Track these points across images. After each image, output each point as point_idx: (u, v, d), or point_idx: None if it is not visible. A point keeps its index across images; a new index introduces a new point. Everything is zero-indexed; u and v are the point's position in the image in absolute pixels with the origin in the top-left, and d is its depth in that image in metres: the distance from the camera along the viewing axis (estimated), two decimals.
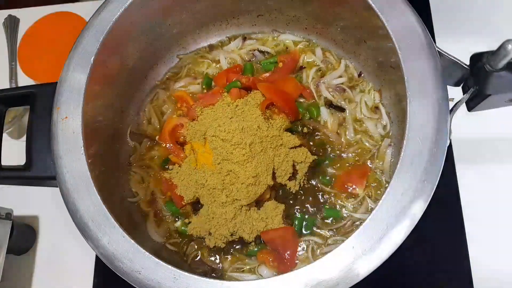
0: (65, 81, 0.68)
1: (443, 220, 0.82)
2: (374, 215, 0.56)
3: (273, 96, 0.75)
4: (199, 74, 0.88)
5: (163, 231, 0.77)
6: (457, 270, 0.79)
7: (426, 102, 0.60)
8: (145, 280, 0.57)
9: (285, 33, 0.88)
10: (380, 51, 0.73)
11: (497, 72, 0.55)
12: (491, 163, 0.85)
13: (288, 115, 0.76)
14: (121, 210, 0.74)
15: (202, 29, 0.88)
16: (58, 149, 0.65)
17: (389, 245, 0.55)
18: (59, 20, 1.05)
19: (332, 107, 0.81)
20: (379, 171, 0.76)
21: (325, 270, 0.55)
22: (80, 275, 0.86)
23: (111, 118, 0.78)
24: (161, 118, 0.85)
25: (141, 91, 0.87)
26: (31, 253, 0.89)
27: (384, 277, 0.79)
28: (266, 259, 0.72)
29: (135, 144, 0.83)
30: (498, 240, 0.80)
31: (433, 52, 0.62)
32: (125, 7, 0.70)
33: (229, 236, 0.70)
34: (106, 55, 0.71)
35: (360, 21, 0.73)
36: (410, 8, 0.65)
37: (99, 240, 0.60)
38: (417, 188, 0.57)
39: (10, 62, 1.04)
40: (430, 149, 0.58)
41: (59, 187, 0.64)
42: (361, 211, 0.74)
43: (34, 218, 0.92)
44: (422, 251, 0.81)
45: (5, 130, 0.94)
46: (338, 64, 0.84)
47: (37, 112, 0.69)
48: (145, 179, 0.81)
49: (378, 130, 0.79)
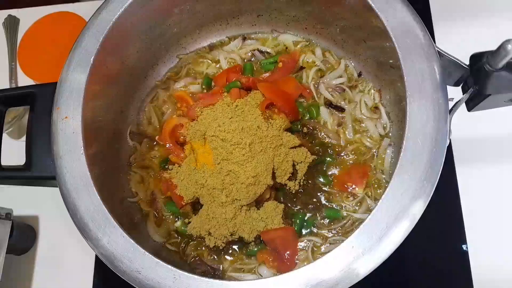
0: (65, 81, 0.68)
1: (443, 219, 0.82)
2: (374, 215, 0.56)
3: (273, 96, 0.75)
4: (199, 74, 0.88)
5: (163, 231, 0.77)
6: (457, 270, 0.79)
7: (426, 102, 0.60)
8: (145, 280, 0.57)
9: (285, 33, 0.88)
10: (380, 51, 0.73)
11: (497, 72, 0.55)
12: (491, 163, 0.85)
13: (288, 115, 0.76)
14: (121, 210, 0.75)
15: (202, 29, 0.88)
16: (58, 149, 0.65)
17: (389, 245, 0.55)
18: (59, 20, 1.05)
19: (332, 107, 0.81)
20: (379, 171, 0.76)
21: (325, 270, 0.55)
22: (80, 275, 0.86)
23: (111, 118, 0.78)
24: (161, 118, 0.85)
25: (141, 91, 0.87)
26: (31, 253, 0.89)
27: (384, 277, 0.79)
28: (266, 259, 0.72)
29: (135, 144, 0.83)
30: (498, 240, 0.80)
31: (433, 52, 0.62)
32: (125, 7, 0.70)
33: (229, 236, 0.70)
34: (106, 55, 0.71)
35: (360, 21, 0.73)
36: (410, 8, 0.65)
37: (99, 240, 0.60)
38: (417, 188, 0.57)
39: (10, 62, 1.04)
40: (430, 149, 0.58)
41: (59, 187, 0.64)
42: (361, 211, 0.74)
43: (34, 218, 0.92)
44: (422, 251, 0.81)
45: (5, 130, 0.94)
46: (338, 64, 0.84)
47: (37, 112, 0.69)
48: (145, 179, 0.81)
49: (378, 130, 0.79)
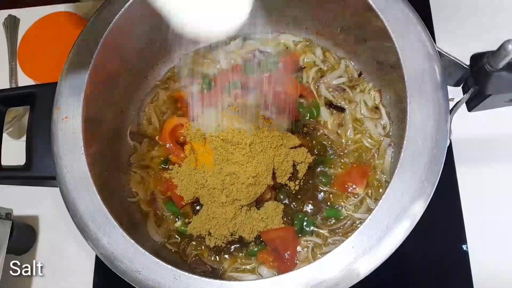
0: (65, 81, 0.68)
1: (443, 220, 0.82)
2: (374, 215, 0.56)
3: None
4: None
5: (163, 231, 0.77)
6: (457, 270, 0.79)
7: (426, 102, 0.60)
8: (145, 280, 0.57)
9: (285, 33, 0.88)
10: (380, 51, 0.73)
11: (497, 72, 0.55)
12: (491, 163, 0.85)
13: (288, 115, 0.76)
14: (121, 210, 0.74)
15: None
16: (58, 149, 0.65)
17: (389, 245, 0.55)
18: (59, 20, 1.04)
19: (332, 107, 0.81)
20: (379, 171, 0.76)
21: (325, 270, 0.55)
22: (80, 275, 0.86)
23: (111, 118, 0.78)
24: (161, 118, 0.85)
25: (141, 91, 0.86)
26: (31, 253, 0.89)
27: (384, 277, 0.79)
28: (266, 259, 0.72)
29: (135, 144, 0.83)
30: (498, 240, 0.80)
31: (434, 52, 0.62)
32: (125, 7, 0.70)
33: (229, 236, 0.70)
34: (106, 55, 0.71)
35: (360, 21, 0.73)
36: (410, 8, 0.65)
37: (99, 240, 0.60)
38: (417, 188, 0.57)
39: (10, 62, 1.04)
40: (430, 149, 0.58)
41: (59, 187, 0.64)
42: (361, 211, 0.74)
43: (34, 218, 0.92)
44: (422, 251, 0.81)
45: (5, 130, 0.94)
46: (338, 64, 0.84)
47: (37, 112, 0.69)
48: (145, 179, 0.81)
49: (378, 130, 0.78)
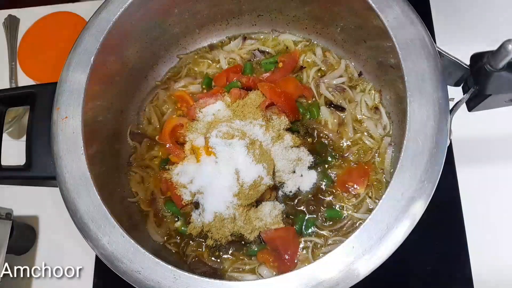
0: (65, 81, 0.68)
1: (443, 220, 0.82)
2: (374, 215, 0.56)
3: (274, 96, 0.75)
4: (199, 74, 0.88)
5: (163, 231, 0.77)
6: (457, 270, 0.79)
7: (426, 102, 0.60)
8: (145, 280, 0.57)
9: (285, 33, 0.88)
10: (380, 51, 0.73)
11: (497, 72, 0.55)
12: (491, 163, 0.85)
13: (288, 115, 0.76)
14: (121, 210, 0.74)
15: (202, 29, 0.88)
16: (58, 149, 0.65)
17: (389, 245, 0.55)
18: (59, 20, 1.05)
19: (332, 106, 0.81)
20: (380, 171, 0.76)
21: (325, 270, 0.55)
22: (80, 275, 0.86)
23: (111, 118, 0.78)
24: (161, 118, 0.85)
25: (141, 91, 0.87)
26: (31, 253, 0.89)
27: (384, 277, 0.79)
28: (266, 259, 0.72)
29: (135, 144, 0.83)
30: (498, 240, 0.80)
31: (433, 52, 0.62)
32: (125, 7, 0.70)
33: (229, 236, 0.70)
34: (106, 55, 0.71)
35: (360, 21, 0.73)
36: (410, 8, 0.65)
37: (99, 240, 0.60)
38: (417, 188, 0.57)
39: (10, 62, 1.04)
40: (430, 149, 0.58)
41: (59, 187, 0.64)
42: (361, 211, 0.74)
43: (34, 218, 0.92)
44: (422, 251, 0.81)
45: (5, 130, 0.94)
46: (338, 64, 0.84)
47: (37, 112, 0.69)
48: (145, 179, 0.81)
49: (378, 131, 0.78)
